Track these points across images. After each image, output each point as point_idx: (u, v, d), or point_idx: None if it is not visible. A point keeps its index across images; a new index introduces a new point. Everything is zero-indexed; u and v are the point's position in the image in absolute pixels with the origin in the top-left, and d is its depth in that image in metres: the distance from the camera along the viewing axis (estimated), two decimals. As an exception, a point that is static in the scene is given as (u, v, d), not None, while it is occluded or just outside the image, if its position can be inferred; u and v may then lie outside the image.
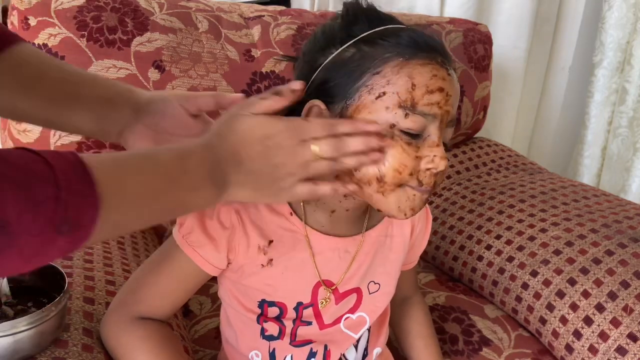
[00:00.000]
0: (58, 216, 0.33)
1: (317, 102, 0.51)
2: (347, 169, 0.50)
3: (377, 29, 0.51)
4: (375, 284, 0.62)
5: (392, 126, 0.49)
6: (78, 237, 0.34)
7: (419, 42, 0.50)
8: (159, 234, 0.96)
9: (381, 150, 0.49)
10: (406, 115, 0.48)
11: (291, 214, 0.57)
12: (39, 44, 0.87)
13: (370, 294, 0.62)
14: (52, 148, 0.89)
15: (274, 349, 0.60)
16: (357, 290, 0.61)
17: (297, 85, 0.49)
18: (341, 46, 0.51)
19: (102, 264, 0.68)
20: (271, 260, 0.56)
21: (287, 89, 0.49)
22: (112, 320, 0.54)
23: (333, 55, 0.51)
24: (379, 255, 0.62)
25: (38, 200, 0.32)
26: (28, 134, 0.89)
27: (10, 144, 0.92)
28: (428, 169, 0.50)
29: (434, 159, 0.49)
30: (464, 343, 0.81)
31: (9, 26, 0.89)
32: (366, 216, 0.61)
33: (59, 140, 0.89)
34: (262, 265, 0.56)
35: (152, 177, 0.40)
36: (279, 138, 0.46)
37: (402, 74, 0.49)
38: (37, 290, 0.54)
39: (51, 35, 0.87)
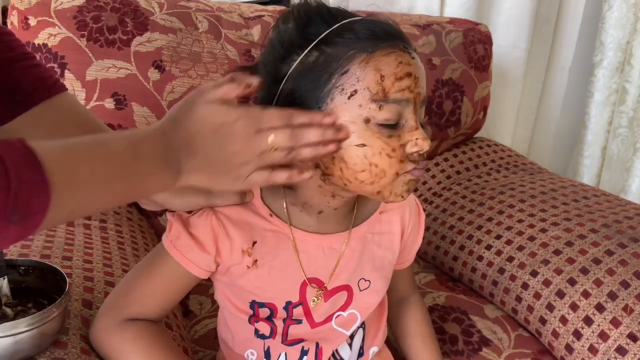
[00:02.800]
0: (8, 207, 0.33)
1: None
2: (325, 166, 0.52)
3: (333, 27, 0.51)
4: (365, 281, 0.62)
5: (368, 121, 0.49)
6: (30, 224, 0.35)
7: (378, 33, 0.51)
8: (159, 234, 0.96)
9: (340, 140, 0.50)
10: (380, 107, 0.49)
11: (270, 215, 0.57)
12: (38, 44, 0.87)
13: (360, 291, 0.62)
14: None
15: (268, 347, 0.60)
16: (347, 288, 0.61)
17: (254, 81, 0.48)
18: (302, 52, 0.51)
19: (102, 265, 0.68)
20: (256, 261, 0.57)
21: (243, 79, 0.48)
22: (102, 325, 0.54)
23: (296, 62, 0.51)
24: (367, 251, 0.62)
25: None
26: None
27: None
28: (414, 152, 0.51)
29: (417, 142, 0.51)
30: (463, 343, 0.81)
31: (9, 26, 0.89)
32: (354, 211, 0.61)
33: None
34: (247, 266, 0.57)
35: (103, 165, 0.40)
36: (234, 127, 0.46)
37: (369, 69, 0.49)
38: (37, 291, 0.54)
39: (51, 35, 0.87)
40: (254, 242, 0.56)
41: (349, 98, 0.49)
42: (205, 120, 0.46)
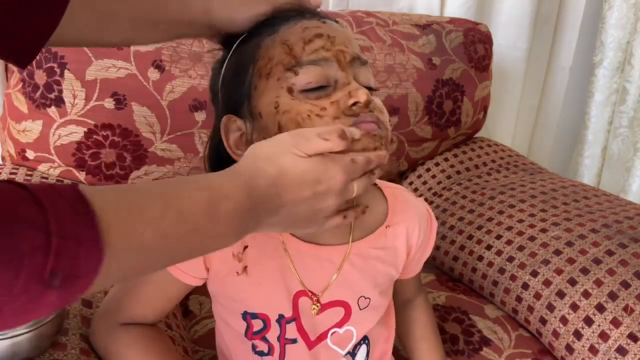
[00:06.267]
0: (47, 269, 0.27)
1: (229, 118, 0.51)
2: None
3: (250, 29, 0.52)
4: (365, 298, 0.59)
5: (291, 90, 0.48)
6: (74, 289, 0.29)
7: (283, 15, 0.51)
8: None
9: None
10: (296, 72, 0.48)
11: None
12: (38, 44, 0.87)
13: (361, 309, 0.59)
14: (51, 148, 0.89)
15: None
16: (345, 305, 0.58)
17: (357, 134, 0.46)
18: (225, 59, 0.53)
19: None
20: (246, 267, 0.54)
21: (351, 135, 0.44)
22: (98, 330, 0.54)
23: (223, 71, 0.53)
24: (369, 268, 0.59)
25: (22, 252, 0.26)
26: (27, 133, 0.89)
27: (9, 144, 0.92)
28: (352, 105, 0.47)
29: (350, 93, 0.47)
30: (464, 343, 0.81)
31: (8, 26, 0.89)
32: (352, 222, 0.57)
33: (59, 140, 0.89)
34: (237, 273, 0.54)
35: (172, 226, 0.34)
36: (331, 183, 0.42)
37: (276, 45, 0.49)
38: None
39: (50, 35, 0.87)
40: (245, 247, 0.54)
41: (267, 79, 0.49)
42: (302, 178, 0.41)
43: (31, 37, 0.47)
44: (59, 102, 0.87)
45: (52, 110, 0.88)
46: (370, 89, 0.51)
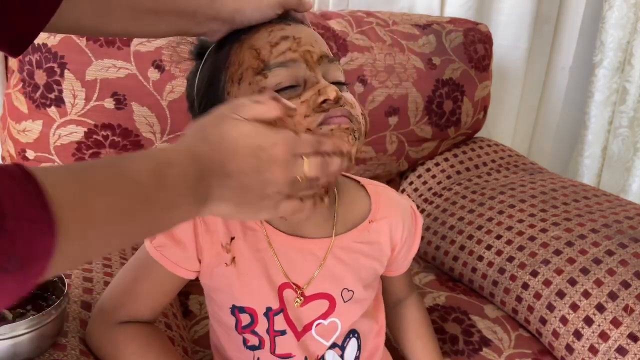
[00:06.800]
0: (3, 252, 0.26)
1: None
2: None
3: (225, 35, 0.54)
4: (349, 291, 0.60)
5: (262, 93, 0.49)
6: (30, 274, 0.28)
7: (254, 25, 0.53)
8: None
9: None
10: (265, 75, 0.49)
11: None
12: (38, 44, 0.87)
13: (345, 302, 0.60)
14: (51, 148, 0.89)
15: (258, 358, 0.59)
16: (329, 297, 0.59)
17: (293, 105, 0.46)
18: (197, 69, 0.55)
19: (102, 265, 0.68)
20: (234, 258, 0.55)
21: (284, 102, 0.45)
22: (95, 330, 0.54)
23: (196, 80, 0.55)
24: (353, 261, 0.60)
25: None
26: (27, 133, 0.89)
27: (10, 144, 0.92)
28: (322, 102, 0.48)
29: (319, 91, 0.48)
30: (464, 343, 0.81)
31: (8, 26, 0.89)
32: (334, 217, 0.59)
33: (59, 140, 0.89)
34: (225, 264, 0.56)
35: (122, 196, 0.33)
36: (274, 151, 0.41)
37: (244, 50, 0.51)
38: (35, 293, 0.54)
39: (50, 35, 0.87)
40: (232, 238, 0.55)
41: (239, 84, 0.50)
42: (244, 142, 0.41)
43: (29, 24, 0.46)
44: (59, 102, 0.88)
45: (52, 110, 0.88)
46: (340, 84, 0.52)
